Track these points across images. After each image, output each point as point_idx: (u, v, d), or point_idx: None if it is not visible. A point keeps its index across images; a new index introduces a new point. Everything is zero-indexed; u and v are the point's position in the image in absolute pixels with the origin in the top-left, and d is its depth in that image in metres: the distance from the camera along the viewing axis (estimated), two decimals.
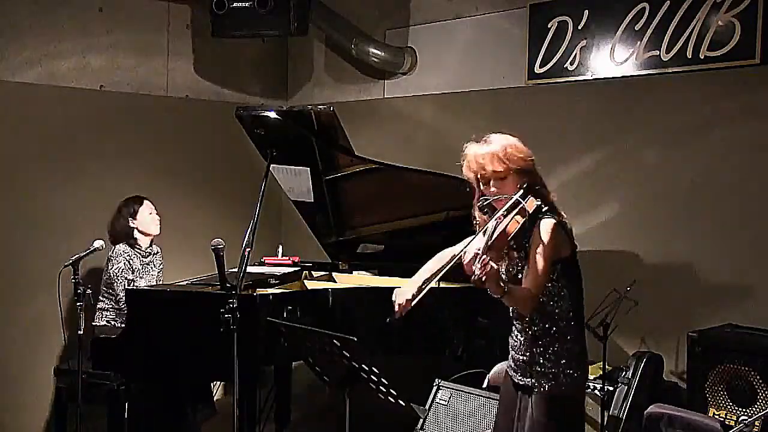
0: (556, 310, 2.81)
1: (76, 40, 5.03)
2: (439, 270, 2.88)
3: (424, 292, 2.85)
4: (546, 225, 2.73)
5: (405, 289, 2.93)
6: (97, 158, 5.10)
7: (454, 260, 2.70)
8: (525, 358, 2.87)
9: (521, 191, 2.75)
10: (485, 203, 2.80)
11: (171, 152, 5.48)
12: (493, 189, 2.81)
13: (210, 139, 5.67)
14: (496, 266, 2.53)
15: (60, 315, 3.99)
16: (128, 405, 4.43)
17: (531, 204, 2.72)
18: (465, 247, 2.65)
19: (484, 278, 2.48)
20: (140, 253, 4.70)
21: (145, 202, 4.72)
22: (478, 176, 2.85)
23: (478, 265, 2.48)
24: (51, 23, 4.91)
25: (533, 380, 2.84)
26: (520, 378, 2.90)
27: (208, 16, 5.18)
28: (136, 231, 4.67)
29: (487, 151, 2.81)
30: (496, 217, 2.69)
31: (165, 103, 5.51)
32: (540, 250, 2.71)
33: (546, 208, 2.78)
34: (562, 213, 2.84)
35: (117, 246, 4.65)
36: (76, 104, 5.03)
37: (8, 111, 4.73)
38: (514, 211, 2.68)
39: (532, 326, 2.85)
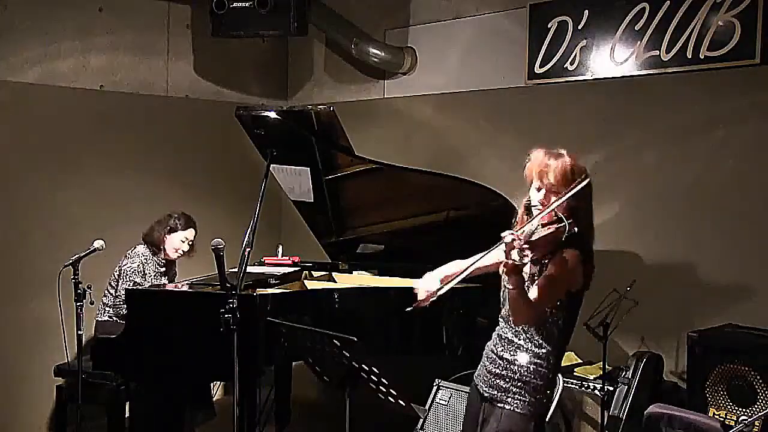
0: (544, 336, 2.79)
1: (76, 40, 5.03)
2: (469, 267, 2.80)
3: (448, 287, 2.79)
4: (574, 254, 2.72)
5: (427, 282, 2.87)
6: (97, 158, 5.11)
7: (489, 250, 2.68)
8: (498, 371, 2.84)
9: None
10: (533, 206, 2.77)
11: (171, 152, 5.48)
12: (541, 198, 2.77)
13: (210, 139, 5.67)
14: (529, 258, 2.52)
15: (60, 315, 3.99)
16: (128, 405, 4.44)
17: (572, 226, 2.68)
18: (498, 245, 2.60)
19: (520, 262, 2.48)
20: (156, 263, 4.73)
21: (190, 229, 4.72)
22: (533, 179, 2.80)
23: (527, 249, 2.49)
24: (51, 23, 4.90)
25: (500, 395, 2.82)
26: (486, 389, 2.87)
27: (208, 16, 5.18)
28: (162, 245, 4.69)
29: (553, 166, 2.76)
30: (538, 220, 2.66)
31: (165, 103, 5.51)
32: (561, 274, 2.69)
33: (579, 238, 2.73)
34: (591, 246, 2.81)
35: (138, 247, 4.69)
36: (76, 104, 5.03)
37: (8, 111, 4.73)
38: (556, 226, 2.66)
39: (516, 343, 2.82)
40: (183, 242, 4.71)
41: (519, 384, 2.79)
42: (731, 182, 4.14)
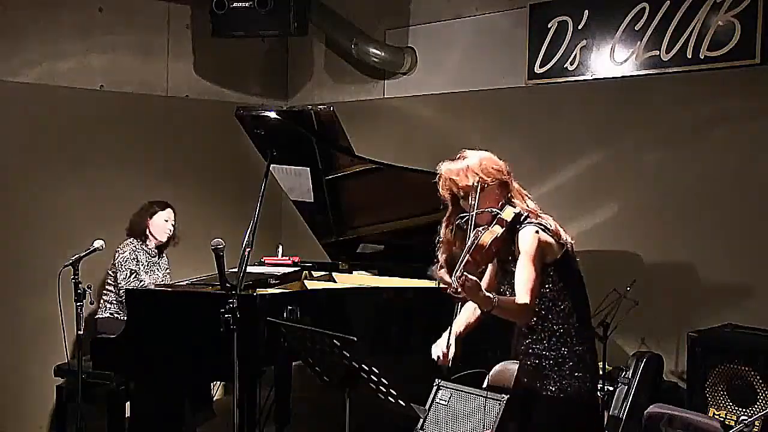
0: (559, 313, 2.80)
1: (76, 40, 5.03)
2: (454, 313, 2.92)
3: (452, 335, 2.91)
4: (525, 233, 2.72)
5: (438, 342, 2.99)
6: (97, 158, 5.10)
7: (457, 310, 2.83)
8: (531, 362, 2.86)
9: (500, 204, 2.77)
10: (464, 219, 2.78)
11: (171, 152, 5.48)
12: (471, 202, 2.78)
13: (210, 139, 5.67)
14: (474, 278, 2.50)
15: (60, 315, 3.99)
16: (128, 405, 4.44)
17: (508, 213, 2.71)
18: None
19: (459, 289, 2.47)
20: (147, 251, 4.78)
21: (168, 209, 4.84)
22: (454, 192, 2.83)
23: (455, 279, 2.48)
24: (51, 23, 4.90)
25: (540, 384, 2.83)
26: (527, 382, 2.89)
27: (208, 16, 5.18)
28: (148, 230, 4.78)
29: (462, 166, 2.81)
30: (474, 232, 2.68)
31: (165, 103, 5.51)
32: (524, 259, 2.69)
33: (525, 215, 2.76)
34: (543, 216, 2.81)
35: (126, 240, 4.75)
36: (76, 104, 5.03)
37: (8, 111, 4.73)
38: (492, 223, 2.69)
39: (538, 330, 2.84)
40: (167, 222, 4.81)
41: (556, 369, 2.80)
42: (731, 182, 4.14)
